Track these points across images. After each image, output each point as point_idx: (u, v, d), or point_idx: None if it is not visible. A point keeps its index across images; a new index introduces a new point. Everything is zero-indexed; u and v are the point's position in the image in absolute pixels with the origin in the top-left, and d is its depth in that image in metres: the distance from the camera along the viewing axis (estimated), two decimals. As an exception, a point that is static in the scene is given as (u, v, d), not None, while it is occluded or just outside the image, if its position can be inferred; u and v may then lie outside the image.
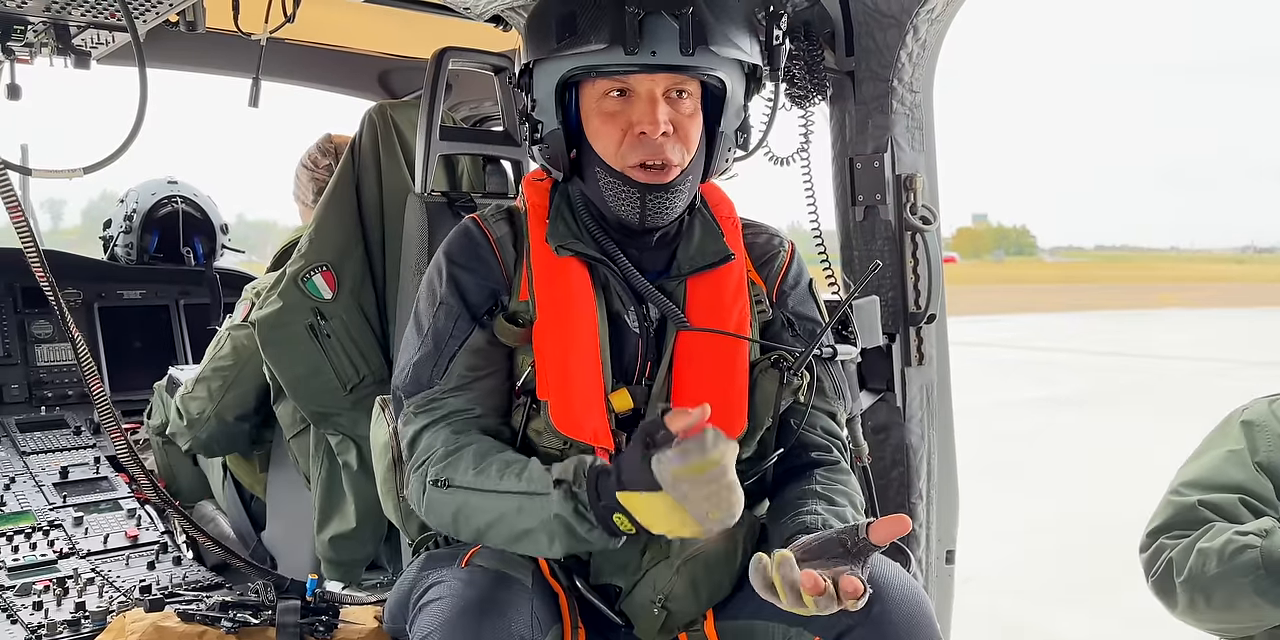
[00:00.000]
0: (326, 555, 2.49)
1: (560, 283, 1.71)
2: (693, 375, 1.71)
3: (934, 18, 2.19)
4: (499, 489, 1.55)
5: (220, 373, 2.68)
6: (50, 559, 2.60)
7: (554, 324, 1.69)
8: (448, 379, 1.70)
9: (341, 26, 3.28)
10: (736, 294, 1.77)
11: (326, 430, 2.44)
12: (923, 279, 2.30)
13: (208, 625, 1.85)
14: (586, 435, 1.65)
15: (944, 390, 2.40)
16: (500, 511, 1.54)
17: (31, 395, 3.75)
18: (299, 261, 2.40)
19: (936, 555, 2.41)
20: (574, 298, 1.71)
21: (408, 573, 1.79)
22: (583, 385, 1.67)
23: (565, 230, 1.75)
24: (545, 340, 1.68)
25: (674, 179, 1.68)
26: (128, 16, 2.12)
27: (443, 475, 1.61)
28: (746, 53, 1.69)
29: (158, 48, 2.57)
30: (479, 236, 1.77)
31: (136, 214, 4.11)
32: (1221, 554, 2.01)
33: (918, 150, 2.30)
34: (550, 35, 1.65)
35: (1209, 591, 2.04)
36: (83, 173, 2.00)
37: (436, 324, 1.73)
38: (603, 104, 1.68)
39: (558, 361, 1.67)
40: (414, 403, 1.71)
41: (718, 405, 1.56)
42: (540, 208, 1.79)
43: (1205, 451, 2.26)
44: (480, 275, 1.75)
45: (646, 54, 1.60)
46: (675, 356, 1.72)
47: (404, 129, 2.49)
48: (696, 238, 1.79)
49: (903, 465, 2.35)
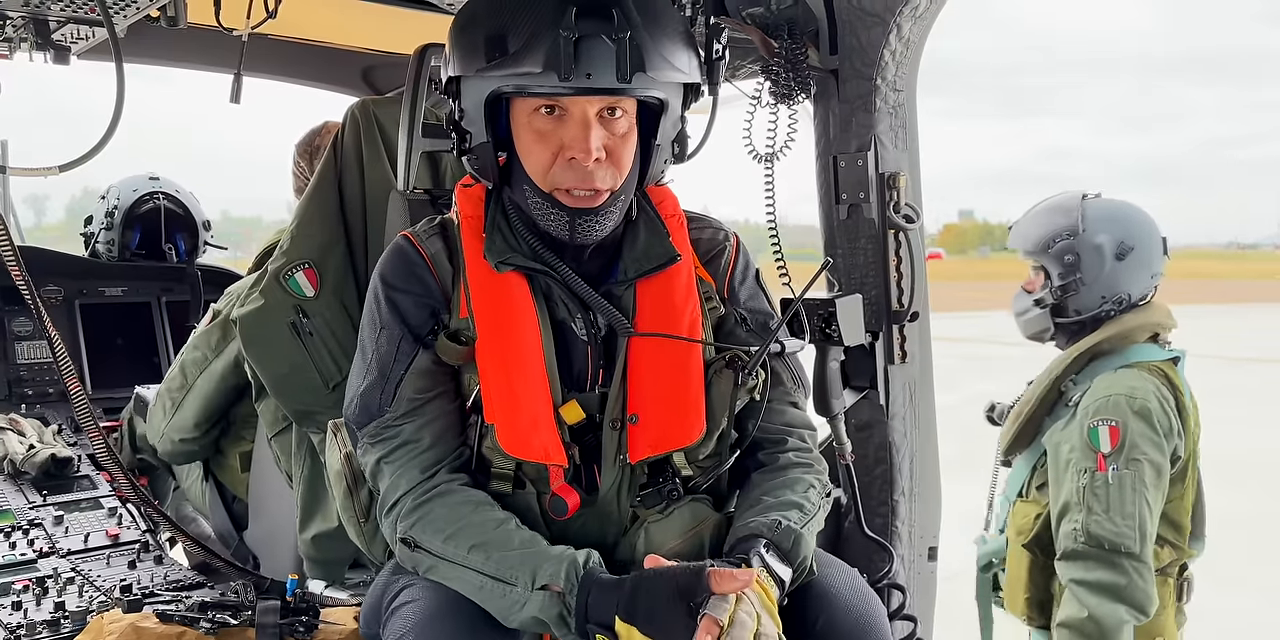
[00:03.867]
0: (309, 554, 2.47)
1: (499, 299, 1.67)
2: (647, 380, 1.67)
3: (917, 16, 2.19)
4: (466, 564, 1.55)
5: (171, 394, 2.74)
6: (30, 558, 2.58)
7: (495, 343, 1.65)
8: (397, 404, 1.68)
9: (324, 22, 3.26)
10: (687, 294, 1.73)
11: (309, 429, 2.42)
12: (905, 277, 2.31)
13: (186, 626, 1.84)
14: (537, 454, 1.62)
15: (926, 388, 2.41)
16: (465, 582, 1.55)
17: (12, 393, 3.73)
18: (280, 259, 2.38)
19: (919, 552, 2.42)
20: (515, 313, 1.67)
21: (379, 579, 1.79)
22: (529, 403, 1.63)
23: (503, 243, 1.70)
24: (487, 360, 1.65)
25: (602, 204, 1.64)
26: (105, 12, 2.10)
27: (410, 534, 1.61)
28: (685, 72, 1.63)
29: (138, 43, 2.55)
30: (413, 255, 1.74)
31: (118, 210, 4.08)
32: None
33: (901, 149, 2.30)
34: (479, 53, 1.58)
35: None
36: (59, 170, 1.98)
37: (380, 350, 1.71)
38: (534, 121, 1.62)
39: (502, 381, 1.64)
40: (367, 432, 1.70)
41: (674, 409, 1.65)
42: (474, 219, 1.74)
43: None
44: (417, 296, 1.72)
45: (581, 77, 1.53)
46: (629, 362, 1.68)
47: (387, 125, 2.47)
48: (641, 240, 1.75)
49: (885, 462, 2.36)
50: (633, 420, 1.65)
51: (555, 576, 1.47)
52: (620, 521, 1.69)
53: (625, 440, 1.66)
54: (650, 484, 1.68)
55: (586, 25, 1.53)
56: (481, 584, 1.52)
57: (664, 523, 1.66)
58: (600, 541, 1.65)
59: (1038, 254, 3.00)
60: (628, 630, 1.40)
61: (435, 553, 1.58)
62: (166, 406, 2.75)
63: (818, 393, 2.29)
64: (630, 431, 1.65)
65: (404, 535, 1.62)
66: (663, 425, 1.65)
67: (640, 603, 1.40)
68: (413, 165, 2.28)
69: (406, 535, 1.61)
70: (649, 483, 1.68)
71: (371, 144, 2.45)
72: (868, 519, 2.33)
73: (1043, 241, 2.98)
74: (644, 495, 1.67)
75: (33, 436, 3.26)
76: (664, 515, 1.66)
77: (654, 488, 1.67)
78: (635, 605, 1.40)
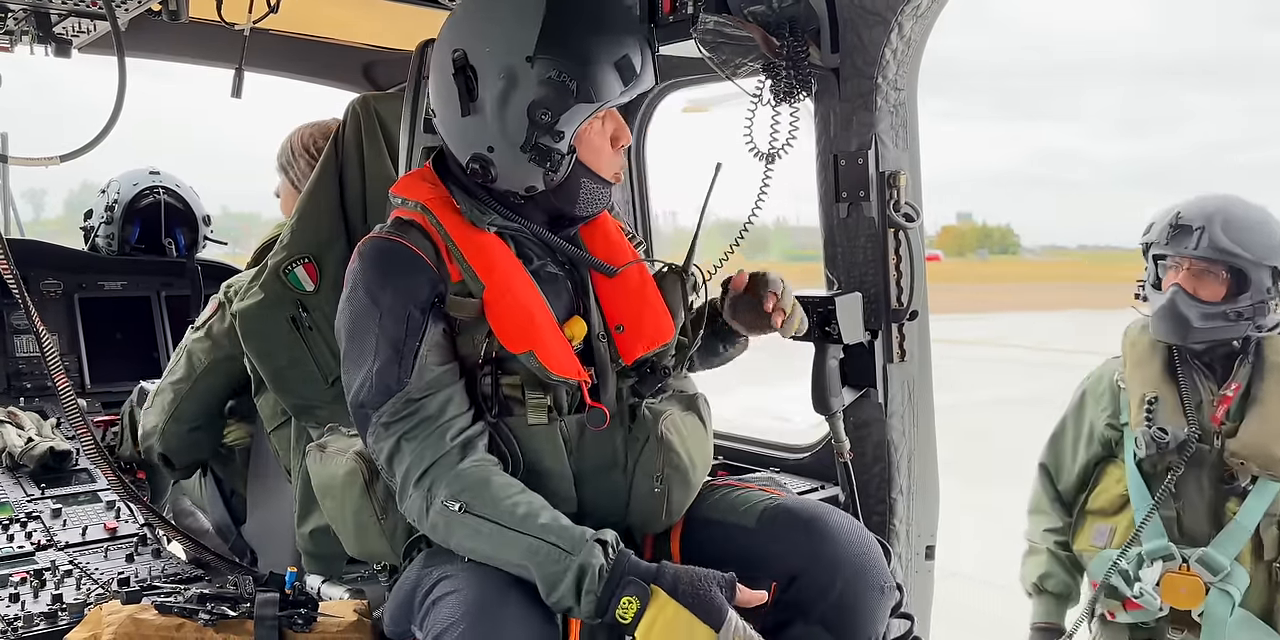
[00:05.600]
0: (307, 548, 2.47)
1: (489, 253, 1.83)
2: (617, 297, 1.93)
3: (919, 14, 2.19)
4: (524, 530, 1.62)
5: (174, 385, 2.71)
6: (28, 551, 2.58)
7: (502, 286, 1.80)
8: (418, 375, 1.74)
9: (326, 17, 3.26)
10: (618, 231, 2.05)
11: (308, 423, 2.42)
12: (905, 276, 2.31)
13: (185, 617, 1.83)
14: (571, 373, 1.79)
15: (925, 387, 2.41)
16: (518, 547, 1.62)
17: (10, 386, 3.73)
18: (280, 253, 2.38)
19: (916, 551, 2.42)
20: (507, 263, 1.84)
21: (408, 573, 1.81)
22: (550, 331, 1.80)
23: (478, 212, 1.87)
24: (501, 301, 1.79)
25: None
26: (108, 5, 2.10)
27: (463, 498, 1.67)
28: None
29: (139, 37, 2.56)
30: (392, 245, 1.83)
31: (118, 204, 4.08)
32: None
33: (901, 147, 2.30)
34: (614, 79, 1.81)
35: None
36: (59, 160, 1.99)
37: (386, 332, 1.76)
38: (603, 127, 1.88)
39: (523, 315, 1.78)
40: (384, 412, 1.74)
41: (647, 315, 1.93)
42: (439, 199, 1.89)
43: None
44: (411, 274, 1.80)
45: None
46: (597, 288, 1.93)
47: (388, 121, 2.47)
48: None
49: (883, 461, 2.36)
50: (619, 330, 1.91)
51: (605, 536, 1.61)
52: (626, 424, 1.87)
53: (615, 348, 1.89)
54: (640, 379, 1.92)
55: (641, 36, 1.87)
56: (537, 549, 1.60)
57: (660, 404, 1.90)
58: (616, 459, 1.85)
59: (1255, 264, 2.82)
60: (664, 598, 1.54)
61: (489, 517, 1.64)
62: (167, 402, 2.73)
63: (816, 391, 2.30)
64: (618, 339, 1.90)
65: (450, 500, 1.67)
66: (643, 329, 1.91)
67: (683, 577, 1.57)
68: (414, 161, 2.28)
69: (457, 499, 1.66)
70: (639, 379, 1.92)
71: (372, 139, 2.45)
72: (866, 517, 2.34)
73: (1270, 250, 2.83)
74: (636, 385, 1.90)
75: (31, 430, 3.26)
76: (658, 401, 1.91)
77: (644, 377, 1.91)
78: (678, 578, 1.56)
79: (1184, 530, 2.82)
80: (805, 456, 2.71)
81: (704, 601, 1.53)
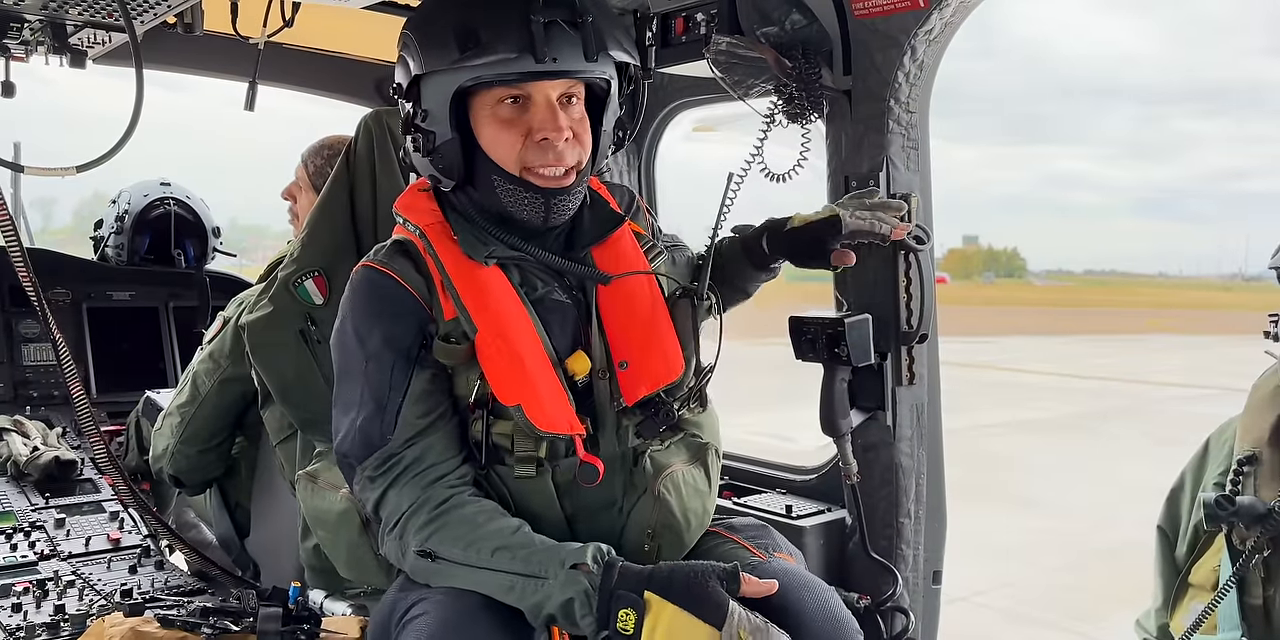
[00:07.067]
0: (310, 563, 2.47)
1: (485, 291, 1.74)
2: (621, 324, 1.81)
3: (932, 38, 2.19)
4: (493, 568, 1.59)
5: (180, 409, 2.72)
6: (31, 561, 2.58)
7: (495, 331, 1.71)
8: (400, 431, 1.71)
9: (340, 32, 3.27)
10: (634, 249, 1.89)
11: (314, 436, 2.42)
12: (915, 298, 2.30)
13: (187, 631, 1.83)
14: (562, 427, 1.71)
15: (934, 410, 2.40)
16: (494, 584, 1.59)
17: (17, 395, 3.74)
18: (291, 266, 2.39)
19: (924, 576, 2.40)
20: (504, 301, 1.74)
21: (387, 596, 1.79)
22: (544, 381, 1.71)
23: (476, 240, 1.77)
24: (493, 348, 1.70)
25: (573, 181, 1.76)
26: (126, 17, 2.11)
27: (429, 546, 1.64)
28: (631, 56, 1.77)
29: (154, 49, 2.57)
30: (380, 279, 1.77)
31: (128, 215, 4.10)
32: None
33: (913, 170, 2.30)
34: (449, 47, 1.65)
35: None
36: (75, 171, 1.99)
37: (371, 381, 1.72)
38: (498, 111, 1.70)
39: (514, 364, 1.70)
40: (369, 466, 1.72)
41: (654, 350, 1.81)
42: (437, 225, 1.80)
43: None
44: (397, 315, 1.75)
45: (549, 61, 1.64)
46: (601, 313, 1.81)
47: (399, 136, 2.48)
48: (587, 214, 1.88)
49: (891, 484, 2.34)
50: (622, 366, 1.79)
51: (582, 557, 1.55)
52: (626, 467, 1.79)
53: (617, 387, 1.78)
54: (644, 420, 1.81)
55: (552, 11, 1.64)
56: (512, 584, 1.57)
57: (666, 452, 1.82)
58: (611, 501, 1.77)
59: None
60: (659, 603, 1.48)
61: (458, 560, 1.61)
62: (174, 425, 2.73)
63: (825, 413, 2.29)
64: (620, 377, 1.79)
65: (421, 548, 1.64)
66: (649, 365, 1.80)
67: (677, 577, 1.51)
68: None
69: (424, 547, 1.64)
70: (643, 420, 1.81)
71: (384, 154, 2.46)
72: (873, 541, 2.32)
73: None
74: (640, 427, 1.80)
75: (36, 439, 3.26)
76: (664, 447, 1.83)
77: (647, 418, 1.80)
78: (671, 579, 1.50)
79: (1275, 625, 2.15)
80: (813, 478, 2.70)
81: (702, 599, 1.48)
